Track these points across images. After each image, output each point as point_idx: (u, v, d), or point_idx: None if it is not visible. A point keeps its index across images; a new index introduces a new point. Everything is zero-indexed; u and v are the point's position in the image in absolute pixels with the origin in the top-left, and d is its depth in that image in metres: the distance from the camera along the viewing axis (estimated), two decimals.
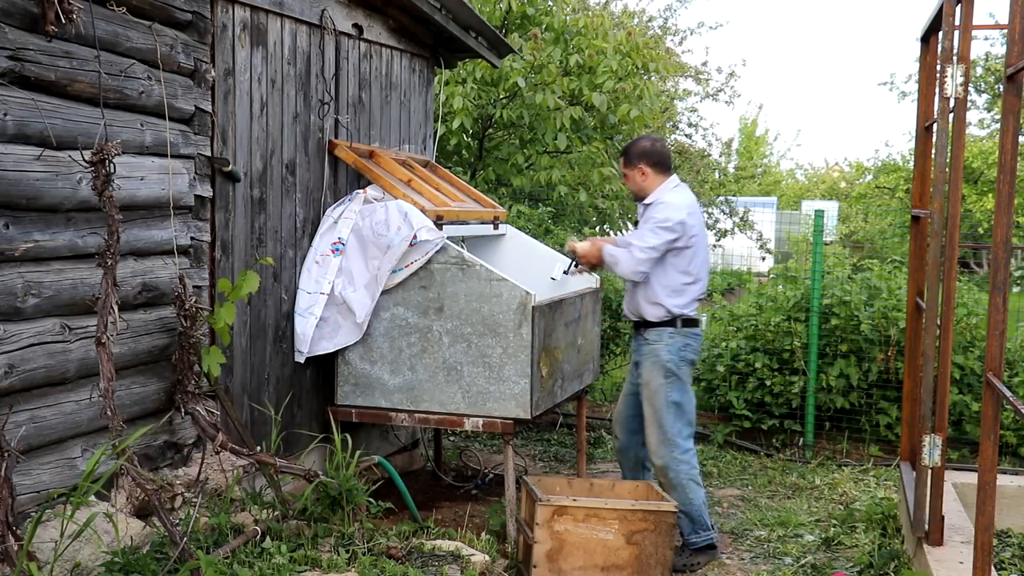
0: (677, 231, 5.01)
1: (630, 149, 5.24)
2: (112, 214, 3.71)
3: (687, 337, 5.10)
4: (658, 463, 5.09)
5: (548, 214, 8.75)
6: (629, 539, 4.56)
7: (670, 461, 5.03)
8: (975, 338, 7.41)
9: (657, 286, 5.08)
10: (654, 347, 5.10)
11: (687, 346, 5.11)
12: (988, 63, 20.22)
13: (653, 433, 5.09)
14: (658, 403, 5.07)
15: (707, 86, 14.50)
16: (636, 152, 5.19)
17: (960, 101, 4.14)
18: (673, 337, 5.08)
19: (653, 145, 5.23)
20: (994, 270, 3.20)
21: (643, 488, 4.98)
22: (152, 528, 4.05)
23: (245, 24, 4.79)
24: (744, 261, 13.24)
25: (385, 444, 6.10)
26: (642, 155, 5.16)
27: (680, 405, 5.07)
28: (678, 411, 5.07)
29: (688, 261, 5.07)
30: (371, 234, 5.18)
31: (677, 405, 5.07)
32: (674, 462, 5.03)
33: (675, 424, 5.06)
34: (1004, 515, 4.85)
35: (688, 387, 5.15)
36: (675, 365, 5.06)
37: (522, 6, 9.02)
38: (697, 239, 5.11)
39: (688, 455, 5.07)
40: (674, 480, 5.03)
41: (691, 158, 12.37)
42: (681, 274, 5.08)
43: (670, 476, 5.04)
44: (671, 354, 5.06)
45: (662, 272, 5.06)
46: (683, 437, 5.08)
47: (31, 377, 3.61)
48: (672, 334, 5.08)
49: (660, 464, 5.07)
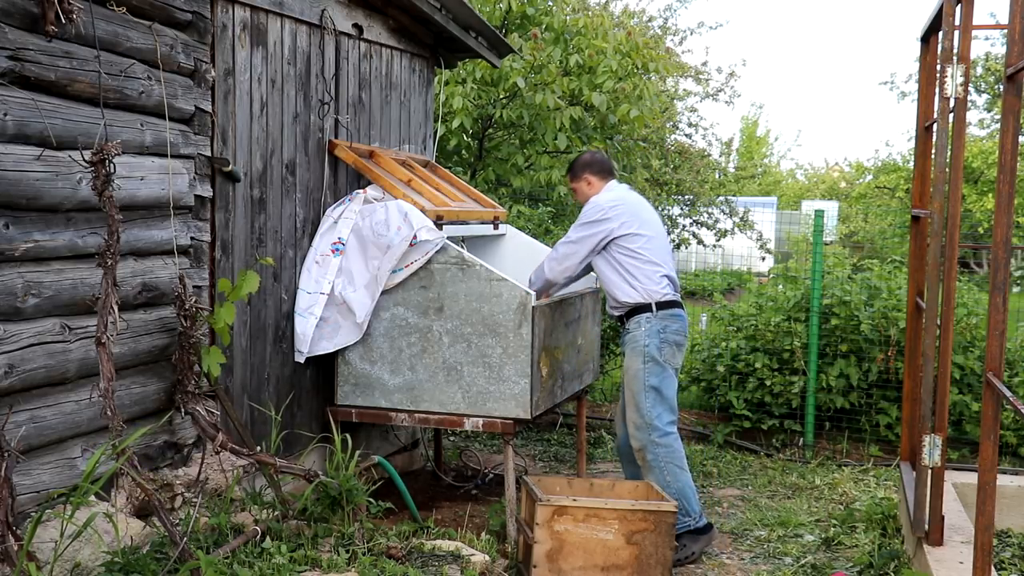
0: (600, 223, 5.21)
1: (574, 165, 5.54)
2: (112, 214, 3.71)
3: (664, 320, 5.20)
4: (635, 445, 5.20)
5: (548, 214, 8.75)
6: (629, 539, 4.56)
7: (647, 443, 5.13)
8: (975, 338, 7.41)
9: (618, 279, 5.25)
10: (633, 334, 5.23)
11: (666, 328, 5.20)
12: (988, 63, 20.23)
13: (631, 416, 5.22)
14: (636, 387, 5.17)
15: (707, 86, 14.48)
16: (580, 165, 5.50)
17: (960, 101, 4.14)
18: (650, 321, 5.20)
19: (593, 156, 5.56)
20: (994, 270, 3.20)
21: (643, 488, 4.98)
22: (152, 528, 4.05)
23: (245, 24, 4.79)
24: (744, 261, 13.25)
25: (385, 444, 6.10)
26: (585, 166, 5.48)
27: (658, 390, 5.16)
28: (656, 395, 5.15)
29: (640, 246, 5.21)
30: (371, 234, 5.18)
31: (655, 390, 5.15)
32: (651, 445, 5.12)
33: (654, 408, 5.14)
34: (1004, 515, 4.86)
35: (668, 373, 5.22)
36: (655, 349, 5.16)
37: (522, 6, 9.01)
38: (642, 225, 5.25)
39: (667, 439, 5.15)
40: (652, 463, 5.14)
41: (691, 158, 12.35)
42: (639, 262, 5.21)
43: (648, 458, 5.15)
44: (649, 338, 5.17)
45: (617, 264, 5.24)
46: (663, 422, 5.15)
47: (31, 377, 3.60)
48: (649, 318, 5.20)
49: (637, 447, 5.19)
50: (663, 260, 5.28)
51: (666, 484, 5.08)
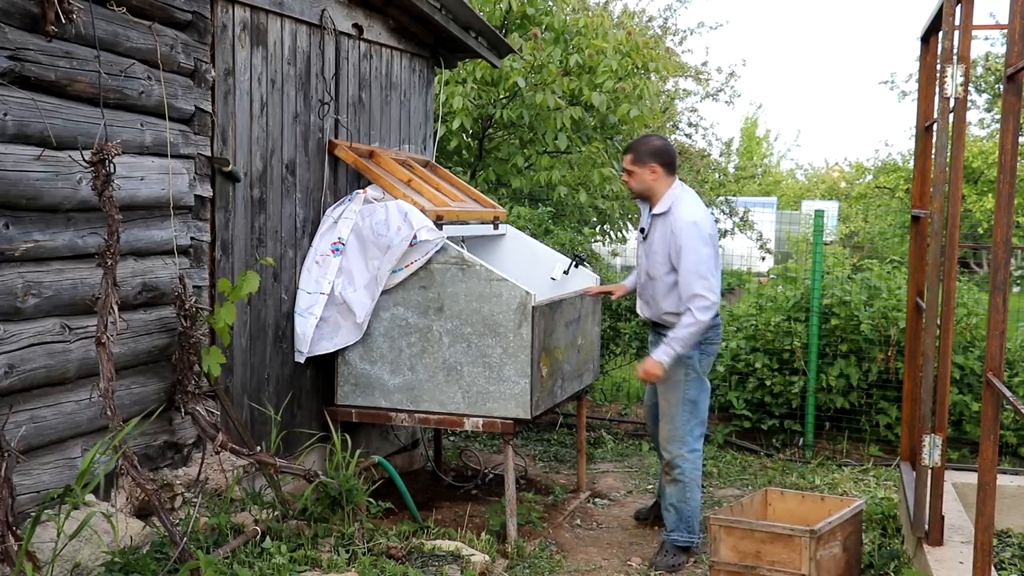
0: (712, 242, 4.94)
1: (640, 147, 5.08)
2: (112, 214, 3.72)
3: (708, 329, 4.99)
4: (667, 457, 5.13)
5: (548, 214, 8.75)
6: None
7: (678, 458, 5.06)
8: (975, 338, 7.41)
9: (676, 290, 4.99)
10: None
11: (707, 339, 5.05)
12: (988, 63, 20.22)
13: (665, 427, 5.12)
14: (674, 399, 5.07)
15: (707, 86, 14.50)
16: (648, 150, 5.05)
17: (960, 101, 4.13)
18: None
19: (665, 145, 5.15)
20: (994, 270, 3.20)
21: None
22: (152, 528, 4.05)
23: (245, 24, 4.79)
24: (744, 261, 13.22)
25: (385, 444, 6.10)
26: (655, 154, 5.04)
27: (696, 404, 5.08)
28: (693, 409, 5.08)
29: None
30: (371, 234, 5.18)
31: (693, 403, 5.08)
32: (682, 460, 5.06)
33: (688, 422, 5.07)
34: (1004, 515, 4.85)
35: (705, 383, 5.14)
36: (697, 361, 5.05)
37: (522, 6, 9.01)
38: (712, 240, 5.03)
39: (694, 455, 5.09)
40: (679, 477, 5.06)
41: (691, 158, 12.36)
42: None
43: (675, 473, 5.07)
44: (694, 349, 4.99)
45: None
46: (694, 437, 5.09)
47: (31, 377, 3.61)
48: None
49: (668, 459, 5.11)
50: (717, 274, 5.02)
51: (684, 500, 5.05)
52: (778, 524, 4.35)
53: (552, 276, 5.86)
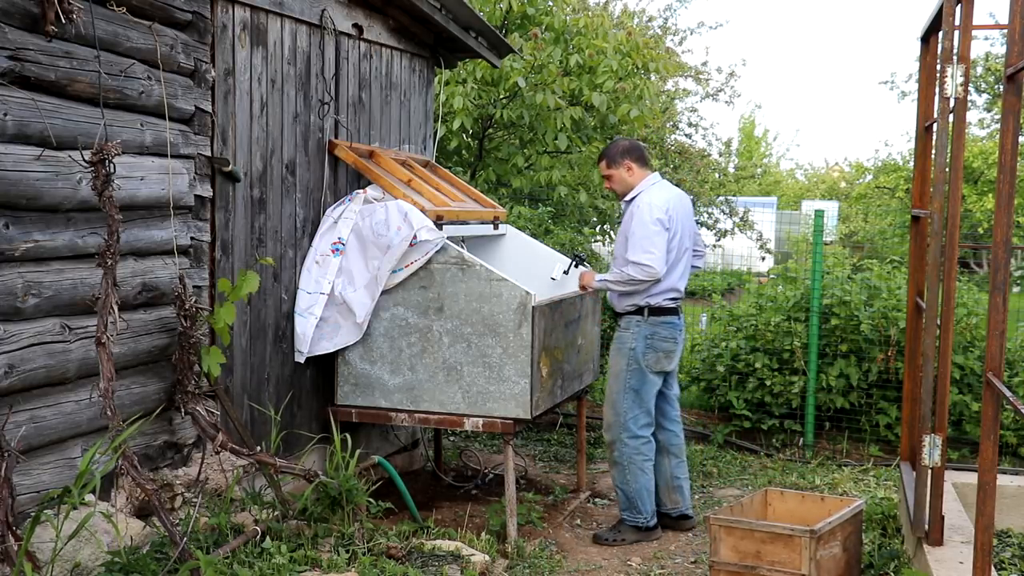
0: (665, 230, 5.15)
1: (610, 151, 5.43)
2: (112, 214, 3.71)
3: (655, 326, 5.28)
4: (607, 438, 5.40)
5: (548, 214, 8.75)
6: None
7: (616, 441, 5.33)
8: (975, 338, 7.41)
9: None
10: (622, 334, 5.35)
11: (655, 334, 5.27)
12: (988, 63, 20.23)
13: (608, 412, 5.39)
14: (617, 387, 5.32)
15: (707, 86, 14.49)
16: (618, 151, 5.39)
17: (960, 101, 4.13)
18: (640, 326, 5.27)
19: (632, 142, 5.50)
20: (994, 270, 3.20)
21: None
22: (152, 528, 4.05)
23: (245, 24, 4.79)
24: (744, 261, 13.25)
25: (385, 444, 6.10)
26: (625, 152, 5.38)
27: (638, 393, 5.30)
28: (635, 398, 5.29)
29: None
30: (371, 234, 5.18)
31: (635, 392, 5.30)
32: (620, 443, 5.30)
33: (631, 410, 5.29)
34: (1004, 515, 4.85)
35: (650, 378, 5.30)
36: (639, 353, 5.26)
37: (522, 6, 9.01)
38: (675, 235, 5.23)
39: (636, 441, 5.29)
40: (617, 459, 5.33)
41: (691, 158, 12.35)
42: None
43: (615, 454, 5.34)
44: (635, 342, 5.27)
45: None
46: (637, 425, 5.30)
47: (31, 377, 3.60)
48: (639, 323, 5.28)
49: (608, 440, 5.39)
50: (675, 269, 5.27)
51: (625, 482, 5.30)
52: (778, 524, 4.35)
53: (552, 276, 5.85)
